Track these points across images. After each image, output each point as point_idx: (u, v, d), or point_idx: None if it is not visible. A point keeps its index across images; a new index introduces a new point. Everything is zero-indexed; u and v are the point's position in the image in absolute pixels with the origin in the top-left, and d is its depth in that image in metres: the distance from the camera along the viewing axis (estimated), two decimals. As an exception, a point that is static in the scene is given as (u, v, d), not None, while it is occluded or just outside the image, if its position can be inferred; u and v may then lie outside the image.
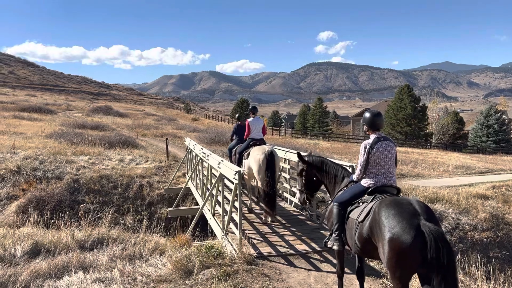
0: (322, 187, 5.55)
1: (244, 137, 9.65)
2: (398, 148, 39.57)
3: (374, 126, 4.69)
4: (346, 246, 4.69)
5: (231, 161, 10.06)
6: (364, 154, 4.61)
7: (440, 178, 19.45)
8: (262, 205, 8.67)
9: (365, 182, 4.62)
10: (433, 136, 52.97)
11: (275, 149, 8.84)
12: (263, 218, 8.42)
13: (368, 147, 4.59)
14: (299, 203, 6.03)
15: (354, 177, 4.78)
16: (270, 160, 8.16)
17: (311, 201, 5.57)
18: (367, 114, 4.76)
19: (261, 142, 9.34)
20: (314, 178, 5.37)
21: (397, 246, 3.48)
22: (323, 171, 5.27)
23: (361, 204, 4.39)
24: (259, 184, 8.31)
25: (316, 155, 5.54)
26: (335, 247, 4.68)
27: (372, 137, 4.67)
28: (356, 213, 4.32)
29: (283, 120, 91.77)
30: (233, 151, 10.51)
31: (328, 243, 4.78)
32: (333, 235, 4.67)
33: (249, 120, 9.62)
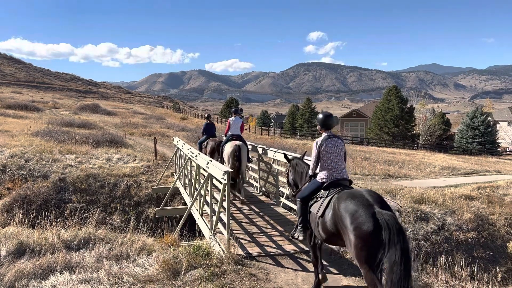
0: None
1: (225, 132, 11.23)
2: (385, 149, 39.95)
3: (326, 126, 5.21)
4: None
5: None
6: (315, 150, 5.14)
7: (427, 179, 19.69)
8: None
9: (319, 178, 5.10)
10: (420, 137, 53.57)
11: (243, 144, 10.50)
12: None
13: (319, 143, 5.12)
14: (287, 200, 6.33)
15: (310, 171, 5.34)
16: (238, 153, 10.16)
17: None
18: (320, 116, 5.30)
19: (237, 137, 10.80)
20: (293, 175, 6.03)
21: (360, 234, 3.91)
22: (295, 169, 5.92)
23: (319, 199, 4.86)
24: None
25: (299, 158, 6.16)
26: (300, 238, 5.35)
27: (324, 135, 5.19)
28: (316, 208, 4.81)
29: (272, 120, 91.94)
30: (203, 144, 12.59)
31: (295, 234, 5.39)
32: (298, 227, 5.29)
33: (230, 119, 11.15)
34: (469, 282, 6.07)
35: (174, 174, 14.87)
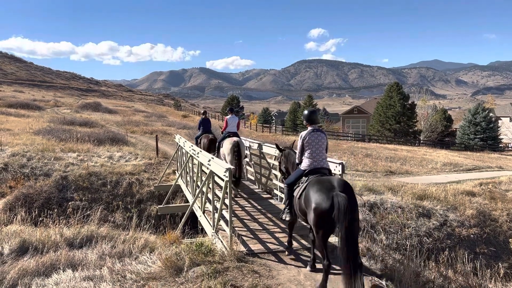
0: None
1: (222, 130, 11.75)
2: (387, 146, 39.90)
3: (310, 120, 5.86)
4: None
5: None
6: (300, 142, 5.83)
7: (429, 175, 19.67)
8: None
9: (302, 166, 5.79)
10: (421, 134, 53.47)
11: (241, 140, 11.06)
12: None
13: (303, 136, 5.79)
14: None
15: (296, 160, 6.04)
16: (237, 149, 10.61)
17: None
18: (305, 112, 5.93)
19: (234, 134, 11.37)
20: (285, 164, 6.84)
21: (318, 211, 4.81)
22: (287, 158, 6.73)
23: (300, 184, 5.59)
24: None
25: (289, 148, 6.93)
26: (287, 219, 6.04)
27: (308, 129, 5.83)
28: (297, 192, 5.59)
29: (273, 117, 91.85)
30: (198, 139, 13.23)
31: (283, 216, 6.10)
32: (285, 209, 6.03)
33: (227, 117, 11.76)
34: (471, 278, 6.06)
35: (176, 171, 14.87)
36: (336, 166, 7.07)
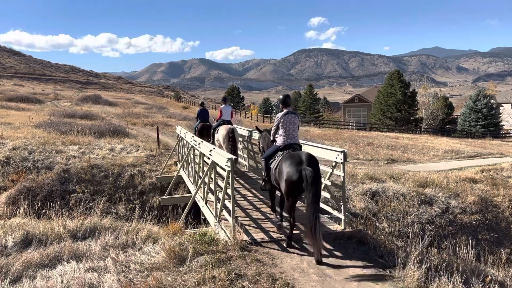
0: None
1: (217, 118, 12.67)
2: (388, 134, 39.85)
3: (285, 103, 6.83)
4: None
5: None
6: (276, 121, 6.77)
7: (430, 162, 19.66)
8: None
9: (278, 143, 6.74)
10: (423, 121, 53.35)
11: (235, 127, 11.92)
12: None
13: (279, 117, 6.74)
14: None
15: (271, 137, 7.04)
16: (232, 135, 11.34)
17: None
18: (281, 96, 6.97)
19: (228, 122, 12.22)
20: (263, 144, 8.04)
21: (288, 182, 5.80)
22: (264, 138, 7.94)
23: (276, 158, 6.54)
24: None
25: (266, 130, 8.04)
26: (267, 188, 7.14)
27: (284, 111, 6.78)
28: (273, 164, 6.54)
29: (274, 108, 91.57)
30: (196, 128, 13.93)
31: (262, 186, 7.22)
32: (265, 180, 7.05)
33: (221, 106, 12.75)
34: (474, 263, 6.08)
35: (178, 162, 14.89)
36: (338, 155, 7.05)
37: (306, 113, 67.60)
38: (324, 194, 7.79)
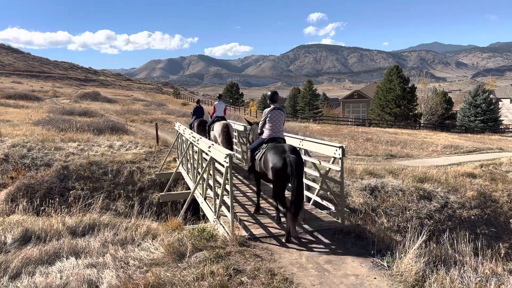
0: None
1: (211, 114, 13.16)
2: (387, 129, 39.84)
3: (272, 100, 7.30)
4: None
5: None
6: (264, 116, 7.23)
7: (429, 158, 19.68)
8: None
9: (264, 136, 7.20)
10: (422, 117, 53.33)
11: (229, 123, 12.49)
12: None
13: (266, 112, 7.20)
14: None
15: (258, 131, 7.48)
16: (227, 130, 11.71)
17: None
18: (268, 93, 7.54)
19: (222, 118, 12.66)
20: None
21: (274, 169, 6.26)
22: (253, 131, 8.63)
23: (261, 150, 6.98)
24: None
25: (256, 123, 8.74)
26: (251, 177, 7.87)
27: (271, 106, 7.22)
28: (258, 155, 7.01)
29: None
30: (192, 125, 14.19)
31: (246, 174, 8.02)
32: (249, 169, 7.51)
33: (215, 103, 13.15)
34: (473, 258, 6.09)
35: (177, 159, 14.89)
36: (336, 150, 7.05)
37: (305, 109, 67.57)
38: (323, 189, 7.80)
